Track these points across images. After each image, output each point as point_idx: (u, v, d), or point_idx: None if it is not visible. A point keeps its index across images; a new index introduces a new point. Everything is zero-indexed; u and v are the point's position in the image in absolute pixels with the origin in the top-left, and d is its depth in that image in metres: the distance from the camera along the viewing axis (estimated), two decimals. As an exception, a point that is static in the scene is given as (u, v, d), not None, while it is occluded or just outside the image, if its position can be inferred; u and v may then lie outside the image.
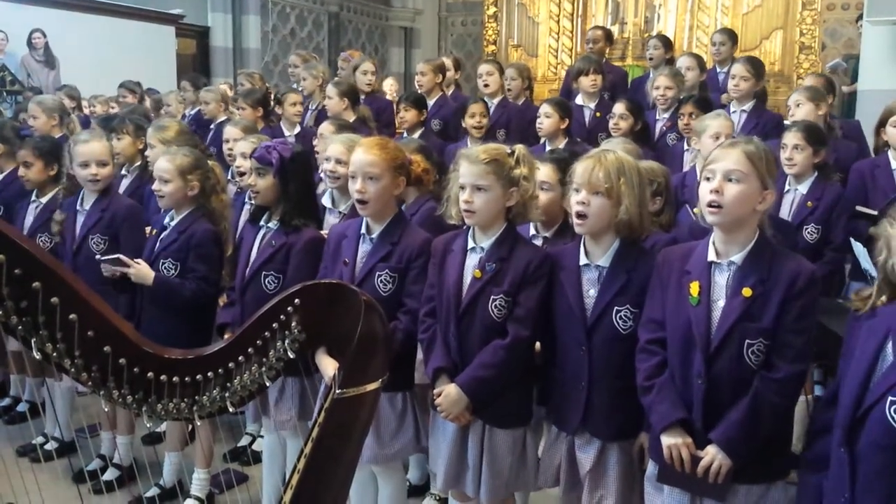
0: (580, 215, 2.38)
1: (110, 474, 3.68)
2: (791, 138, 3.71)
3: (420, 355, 2.72)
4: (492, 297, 2.50)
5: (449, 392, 2.50)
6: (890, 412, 1.84)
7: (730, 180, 2.15)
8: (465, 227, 2.62)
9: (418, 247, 2.74)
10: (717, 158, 2.20)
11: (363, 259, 2.77)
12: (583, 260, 2.47)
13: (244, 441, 4.05)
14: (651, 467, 2.35)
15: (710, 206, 2.17)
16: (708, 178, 2.19)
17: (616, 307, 2.41)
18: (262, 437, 3.70)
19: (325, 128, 4.17)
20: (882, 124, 3.93)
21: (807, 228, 3.66)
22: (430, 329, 2.63)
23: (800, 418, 3.16)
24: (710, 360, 2.18)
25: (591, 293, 2.44)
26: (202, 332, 3.25)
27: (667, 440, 2.22)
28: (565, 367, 2.48)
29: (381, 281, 2.71)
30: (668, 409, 2.24)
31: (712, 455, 2.15)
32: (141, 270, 3.19)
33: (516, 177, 2.50)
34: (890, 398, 1.84)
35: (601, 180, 2.36)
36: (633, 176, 2.41)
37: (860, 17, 4.93)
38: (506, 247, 2.53)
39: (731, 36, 6.23)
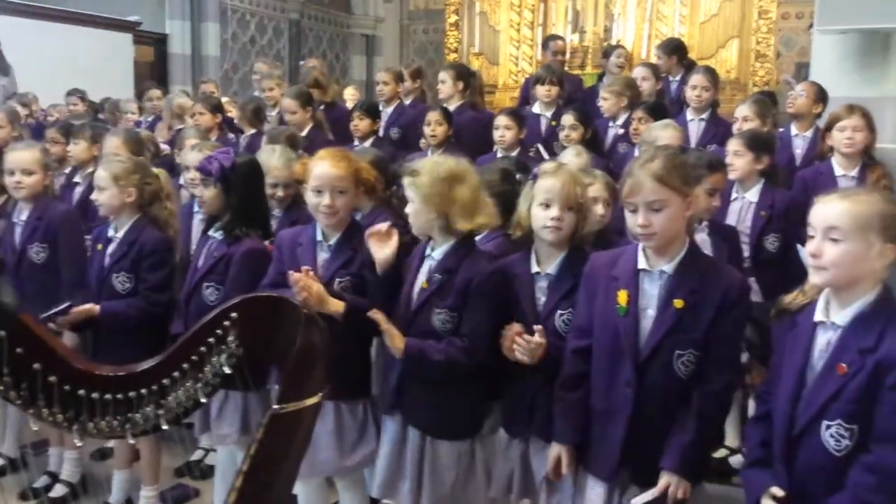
0: (554, 230, 2.42)
1: (58, 491, 3.62)
2: (731, 145, 3.77)
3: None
4: (436, 309, 2.50)
5: (396, 335, 2.49)
6: (826, 437, 1.88)
7: (654, 210, 2.16)
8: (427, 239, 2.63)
9: None
10: (633, 191, 2.18)
11: (323, 266, 2.76)
12: (534, 268, 2.50)
13: (196, 455, 4.00)
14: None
15: (642, 235, 2.20)
16: (633, 211, 2.20)
17: (559, 310, 2.45)
18: (215, 450, 3.64)
19: (263, 141, 4.20)
20: (828, 129, 3.97)
21: (767, 239, 3.67)
22: None
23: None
24: (640, 370, 2.21)
25: (542, 301, 2.48)
26: (162, 345, 3.19)
27: (555, 450, 2.36)
28: (518, 371, 2.46)
29: (342, 287, 2.70)
30: (568, 430, 2.34)
31: (675, 484, 2.15)
32: (83, 311, 3.09)
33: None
34: (825, 422, 1.88)
35: (577, 196, 2.43)
36: (586, 188, 2.53)
37: (812, 26, 5.00)
38: (455, 258, 2.52)
39: (665, 48, 6.37)
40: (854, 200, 1.91)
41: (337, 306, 2.57)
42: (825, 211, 1.93)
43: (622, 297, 2.22)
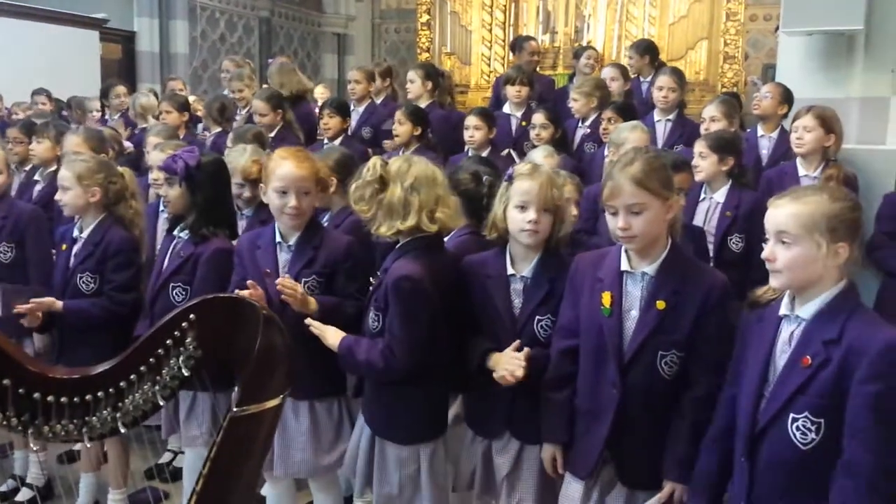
0: (531, 232, 2.40)
1: (24, 495, 3.59)
2: (697, 146, 3.82)
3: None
4: (371, 309, 2.51)
5: (335, 333, 2.51)
6: (792, 430, 1.88)
7: (634, 213, 2.17)
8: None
9: (343, 250, 2.74)
10: (613, 194, 2.19)
11: (285, 267, 2.74)
12: (509, 270, 2.48)
13: (165, 458, 3.95)
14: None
15: (623, 238, 2.21)
16: (614, 214, 2.21)
17: (538, 317, 2.44)
18: (183, 453, 3.60)
19: (230, 139, 4.19)
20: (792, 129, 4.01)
21: (731, 239, 3.72)
22: None
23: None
24: (624, 370, 2.22)
25: (517, 303, 2.47)
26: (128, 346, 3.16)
27: (549, 451, 2.40)
28: (491, 372, 2.44)
29: (309, 287, 2.68)
30: (557, 429, 2.37)
31: (678, 491, 2.20)
32: (45, 304, 3.06)
33: None
34: (792, 415, 1.89)
35: (553, 199, 2.42)
36: (562, 190, 2.52)
37: (778, 28, 5.04)
38: (392, 259, 2.49)
39: (637, 48, 6.41)
40: (801, 202, 1.92)
41: (313, 304, 2.59)
42: (775, 215, 1.95)
43: (606, 298, 2.25)
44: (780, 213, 1.93)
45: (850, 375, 1.82)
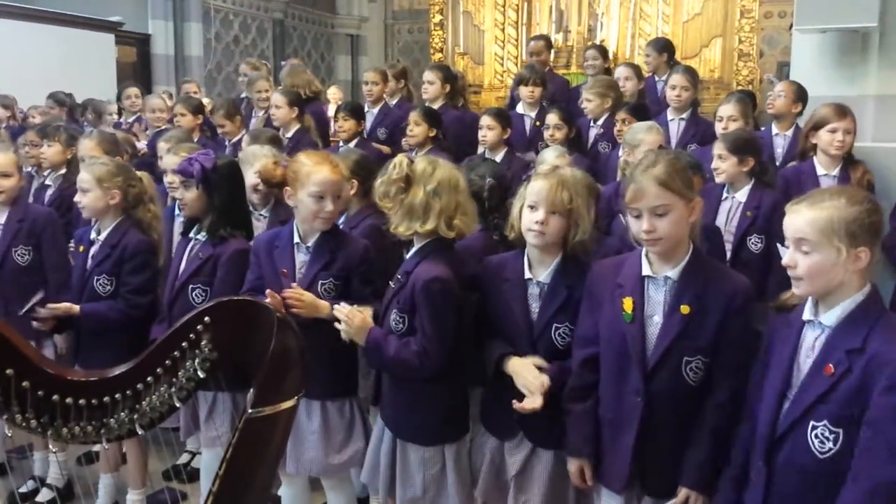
0: (538, 233, 2.37)
1: (44, 495, 3.62)
2: (716, 148, 3.79)
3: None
4: (393, 310, 2.51)
5: (364, 320, 2.50)
6: (811, 437, 1.87)
7: (658, 215, 2.15)
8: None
9: (360, 255, 2.77)
10: (636, 197, 2.17)
11: (302, 268, 2.76)
12: (527, 274, 2.46)
13: (183, 459, 3.98)
14: None
15: (647, 241, 2.19)
16: (637, 217, 2.18)
17: (555, 324, 2.41)
18: (200, 453, 3.63)
19: (245, 140, 4.25)
20: (814, 128, 3.95)
21: (750, 239, 3.68)
22: None
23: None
24: (648, 377, 2.18)
25: (534, 307, 2.44)
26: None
27: (573, 463, 2.34)
28: (506, 375, 2.44)
29: (325, 289, 2.71)
30: (580, 442, 2.32)
31: (693, 499, 2.17)
32: (62, 309, 3.12)
33: None
34: (812, 422, 1.87)
35: (564, 201, 2.36)
36: (587, 196, 2.45)
37: (792, 25, 5.02)
38: (414, 261, 2.50)
39: (655, 46, 6.36)
40: (819, 208, 1.90)
41: (326, 308, 2.60)
42: (794, 221, 1.93)
43: (627, 304, 2.21)
44: (799, 220, 1.91)
45: (871, 388, 1.79)
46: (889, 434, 1.76)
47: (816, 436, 1.86)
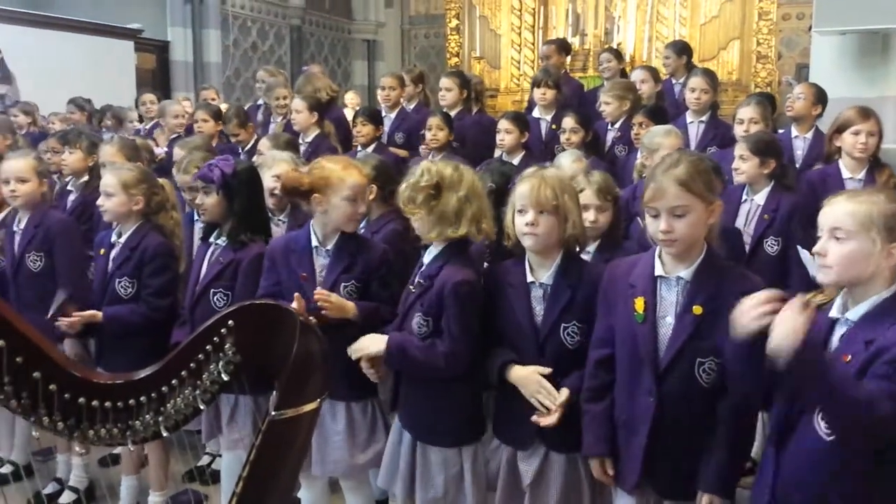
0: (531, 235, 2.38)
1: (67, 497, 3.65)
2: (738, 149, 3.77)
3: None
4: (416, 313, 2.52)
5: (365, 342, 2.57)
6: (816, 421, 1.88)
7: (676, 216, 2.14)
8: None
9: (379, 258, 2.81)
10: (656, 196, 2.16)
11: (322, 272, 2.78)
12: (529, 277, 2.46)
13: (204, 461, 4.01)
14: None
15: (663, 241, 2.18)
16: (655, 216, 2.18)
17: (563, 324, 2.41)
18: (220, 456, 3.66)
19: (264, 144, 4.28)
20: (838, 131, 3.93)
21: (767, 241, 3.66)
22: None
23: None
24: (661, 378, 2.18)
25: (538, 310, 2.44)
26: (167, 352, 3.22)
27: (594, 461, 2.35)
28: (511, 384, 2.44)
29: (347, 292, 2.74)
30: (595, 442, 2.32)
31: (716, 502, 2.16)
32: (87, 317, 3.16)
33: None
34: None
35: (549, 199, 2.36)
36: (572, 192, 2.46)
37: (811, 27, 5.00)
38: (438, 264, 2.51)
39: (675, 48, 6.31)
40: (858, 201, 1.91)
41: (353, 309, 2.67)
42: (832, 212, 1.94)
43: (639, 304, 2.20)
44: (837, 210, 1.92)
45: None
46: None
47: (822, 418, 1.87)
